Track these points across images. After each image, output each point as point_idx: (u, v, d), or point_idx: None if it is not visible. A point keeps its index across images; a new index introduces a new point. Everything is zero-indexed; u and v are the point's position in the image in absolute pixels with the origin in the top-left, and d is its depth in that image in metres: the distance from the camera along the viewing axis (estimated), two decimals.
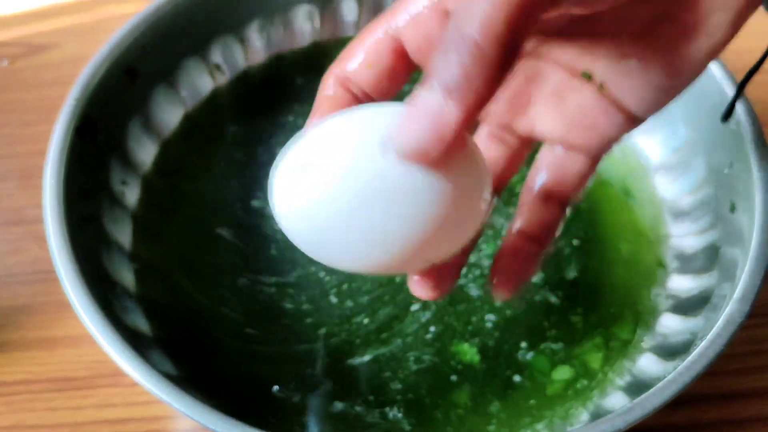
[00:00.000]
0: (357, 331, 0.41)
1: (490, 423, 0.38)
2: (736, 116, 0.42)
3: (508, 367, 0.40)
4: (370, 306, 0.42)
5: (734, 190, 0.42)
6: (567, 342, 0.41)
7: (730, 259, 0.40)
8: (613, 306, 0.43)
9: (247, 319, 0.41)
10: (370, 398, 0.39)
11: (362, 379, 0.40)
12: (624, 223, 0.46)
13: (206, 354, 0.40)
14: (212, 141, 0.49)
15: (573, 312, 0.42)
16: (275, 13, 0.51)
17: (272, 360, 0.40)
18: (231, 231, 0.44)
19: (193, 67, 0.49)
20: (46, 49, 0.58)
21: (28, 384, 0.42)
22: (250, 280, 0.42)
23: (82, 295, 0.34)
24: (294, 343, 0.40)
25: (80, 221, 0.39)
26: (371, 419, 0.38)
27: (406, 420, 0.38)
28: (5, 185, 0.50)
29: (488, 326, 0.42)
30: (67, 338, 0.44)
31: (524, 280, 0.32)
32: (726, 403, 0.42)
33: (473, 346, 0.41)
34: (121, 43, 0.43)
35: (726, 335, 0.35)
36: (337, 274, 0.43)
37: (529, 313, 0.42)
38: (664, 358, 0.40)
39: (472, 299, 0.42)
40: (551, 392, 0.40)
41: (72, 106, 0.40)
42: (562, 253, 0.44)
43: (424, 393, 0.39)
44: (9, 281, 0.46)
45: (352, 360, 0.40)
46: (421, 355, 0.40)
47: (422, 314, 0.42)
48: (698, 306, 0.41)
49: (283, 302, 0.42)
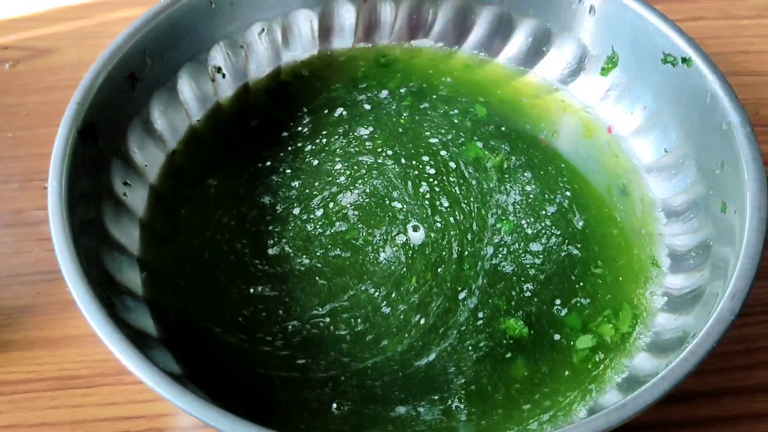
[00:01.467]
0: (415, 333, 0.42)
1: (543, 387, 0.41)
2: (726, 117, 0.42)
3: (550, 327, 0.42)
4: (422, 303, 0.43)
5: (725, 191, 0.42)
6: (593, 298, 0.44)
7: (722, 258, 0.41)
8: (612, 298, 0.44)
9: (295, 353, 0.41)
10: (434, 397, 0.40)
11: (427, 379, 0.40)
12: (615, 219, 0.47)
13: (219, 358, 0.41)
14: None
15: (594, 265, 0.45)
16: (275, 17, 0.52)
17: (323, 382, 0.40)
18: (265, 286, 0.44)
19: (194, 72, 0.50)
20: (48, 53, 0.58)
21: (30, 383, 0.43)
22: (300, 321, 0.42)
23: (85, 294, 0.34)
24: (347, 367, 0.41)
25: (82, 223, 0.39)
26: (430, 417, 0.39)
27: (467, 410, 0.39)
28: (7, 187, 0.50)
29: (527, 295, 0.43)
30: (69, 338, 0.44)
31: None
32: (718, 400, 0.43)
33: (519, 320, 0.42)
34: (121, 47, 0.44)
35: (717, 333, 0.35)
36: (385, 285, 0.44)
37: (558, 271, 0.44)
38: (657, 355, 0.41)
39: (508, 275, 0.44)
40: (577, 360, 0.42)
41: (74, 110, 0.40)
42: (563, 205, 0.47)
43: (485, 380, 0.40)
44: (11, 282, 0.46)
45: (419, 362, 0.41)
46: (477, 343, 0.42)
47: (469, 301, 0.43)
48: (690, 304, 0.41)
49: (338, 330, 0.42)
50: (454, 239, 0.45)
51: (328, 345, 0.41)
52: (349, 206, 0.47)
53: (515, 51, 0.54)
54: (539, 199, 0.47)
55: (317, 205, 0.47)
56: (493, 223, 0.46)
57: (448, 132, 0.50)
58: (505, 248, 0.45)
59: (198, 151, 0.49)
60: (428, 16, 0.54)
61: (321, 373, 0.40)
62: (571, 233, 0.46)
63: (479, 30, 0.54)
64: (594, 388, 0.41)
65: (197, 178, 0.48)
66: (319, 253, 0.44)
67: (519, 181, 0.48)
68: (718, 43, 0.59)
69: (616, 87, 0.51)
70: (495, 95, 0.53)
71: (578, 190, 0.48)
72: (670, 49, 0.46)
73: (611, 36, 0.50)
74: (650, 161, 0.49)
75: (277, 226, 0.46)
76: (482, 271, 0.44)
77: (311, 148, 0.49)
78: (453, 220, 0.46)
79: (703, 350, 0.35)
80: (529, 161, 0.49)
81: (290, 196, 0.47)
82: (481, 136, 0.50)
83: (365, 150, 0.49)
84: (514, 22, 0.53)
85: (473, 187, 0.48)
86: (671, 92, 0.47)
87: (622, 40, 0.50)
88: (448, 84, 0.53)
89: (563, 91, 0.53)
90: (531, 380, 0.41)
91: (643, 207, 0.47)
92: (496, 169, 0.49)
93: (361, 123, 0.51)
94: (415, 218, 0.46)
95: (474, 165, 0.49)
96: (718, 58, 0.51)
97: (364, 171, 0.48)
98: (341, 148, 0.50)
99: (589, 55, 0.52)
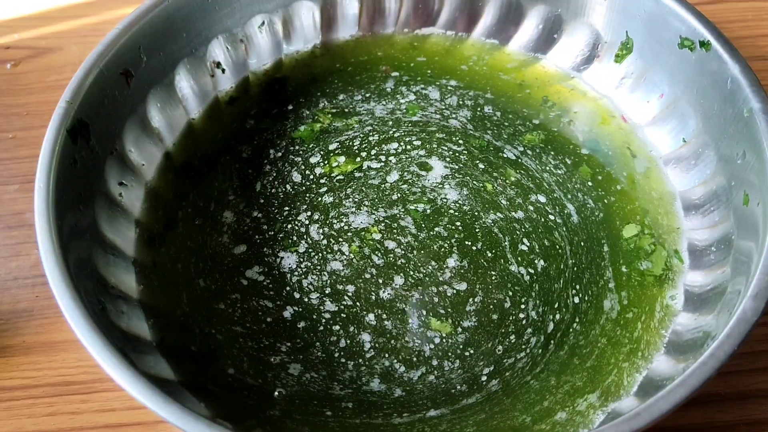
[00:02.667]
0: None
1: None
2: (748, 103, 0.40)
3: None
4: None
5: (747, 181, 0.40)
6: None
7: (745, 253, 0.38)
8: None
9: (295, 358, 0.40)
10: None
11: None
12: (634, 210, 0.45)
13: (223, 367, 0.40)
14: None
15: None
16: (276, 9, 0.51)
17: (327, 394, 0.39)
18: (266, 289, 0.43)
19: (192, 68, 0.48)
20: (50, 52, 0.57)
21: (27, 389, 0.42)
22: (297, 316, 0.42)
23: (69, 299, 0.33)
24: (354, 382, 0.39)
25: (74, 226, 0.38)
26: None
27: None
28: (7, 189, 0.50)
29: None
30: (67, 342, 0.43)
31: None
32: (743, 403, 0.41)
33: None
34: (114, 44, 0.42)
35: (738, 335, 0.33)
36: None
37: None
38: (676, 357, 0.38)
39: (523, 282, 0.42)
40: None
41: (63, 108, 0.39)
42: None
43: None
44: (10, 285, 0.45)
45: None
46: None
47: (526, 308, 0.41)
48: (712, 303, 0.39)
49: (333, 331, 0.41)
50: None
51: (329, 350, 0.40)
52: (352, 210, 0.45)
53: (526, 39, 0.52)
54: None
55: (321, 203, 0.45)
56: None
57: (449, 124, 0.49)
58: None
59: (196, 147, 0.48)
60: (434, 4, 0.52)
61: (321, 381, 0.39)
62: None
63: (488, 17, 0.52)
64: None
65: (195, 175, 0.46)
66: (323, 244, 0.43)
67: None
68: (742, 26, 0.56)
69: (631, 74, 0.48)
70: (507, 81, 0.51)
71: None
72: (688, 33, 0.44)
73: (625, 21, 0.48)
74: (668, 152, 0.46)
75: (277, 227, 0.44)
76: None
77: (313, 146, 0.48)
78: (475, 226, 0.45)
79: (723, 353, 0.33)
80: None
81: (289, 195, 0.46)
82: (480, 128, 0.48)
83: (368, 145, 0.48)
84: (524, 9, 0.51)
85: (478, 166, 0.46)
86: (689, 78, 0.45)
87: (636, 25, 0.47)
88: (457, 73, 0.51)
89: (578, 79, 0.51)
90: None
91: (664, 200, 0.45)
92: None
93: (364, 119, 0.49)
94: (430, 193, 0.44)
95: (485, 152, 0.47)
96: (741, 42, 0.48)
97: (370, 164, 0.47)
98: (344, 142, 0.48)
99: (602, 42, 0.49)
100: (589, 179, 0.46)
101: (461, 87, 0.51)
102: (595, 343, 0.40)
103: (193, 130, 0.48)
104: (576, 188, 0.46)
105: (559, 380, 0.39)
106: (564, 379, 0.39)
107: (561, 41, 0.51)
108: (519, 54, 0.52)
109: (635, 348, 0.40)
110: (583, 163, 0.47)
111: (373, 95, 0.50)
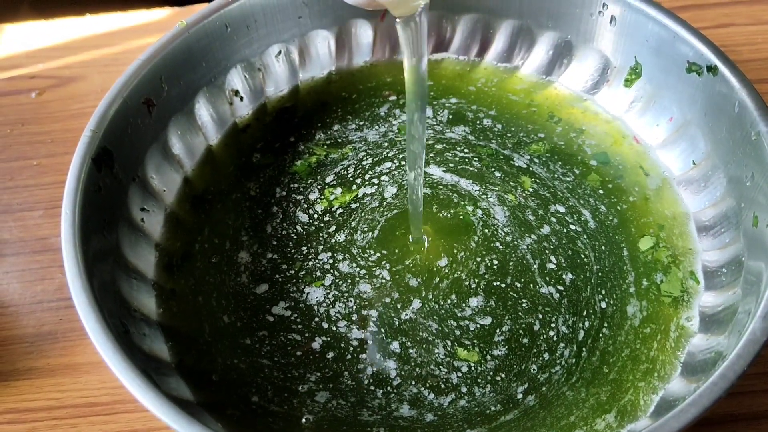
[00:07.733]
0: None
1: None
2: (756, 126, 0.41)
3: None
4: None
5: (757, 203, 0.40)
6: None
7: (755, 273, 0.39)
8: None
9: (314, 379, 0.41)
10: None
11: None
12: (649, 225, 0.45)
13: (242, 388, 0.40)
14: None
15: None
16: (293, 39, 0.52)
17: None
18: (285, 310, 0.43)
19: (211, 96, 0.50)
20: (73, 81, 0.59)
21: (51, 410, 0.43)
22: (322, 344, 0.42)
23: (95, 322, 0.34)
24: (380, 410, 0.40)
25: (98, 250, 0.39)
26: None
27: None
28: (32, 215, 0.51)
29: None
30: (90, 364, 0.44)
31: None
32: (757, 424, 0.41)
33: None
34: (136, 74, 0.44)
35: (748, 355, 0.34)
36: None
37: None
38: (689, 378, 0.39)
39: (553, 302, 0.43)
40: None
41: (88, 137, 0.40)
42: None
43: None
44: (35, 308, 0.47)
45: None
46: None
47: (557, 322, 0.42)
48: (723, 323, 0.39)
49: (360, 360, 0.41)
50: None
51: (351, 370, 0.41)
52: (364, 233, 0.46)
53: (537, 64, 0.53)
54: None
55: (336, 242, 0.46)
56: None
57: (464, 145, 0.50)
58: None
59: (215, 172, 0.49)
60: (447, 32, 0.54)
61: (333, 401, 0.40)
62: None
63: (498, 44, 0.53)
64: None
65: (210, 209, 0.47)
66: (346, 271, 0.44)
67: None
68: (750, 49, 0.57)
69: (641, 98, 0.49)
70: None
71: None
72: (695, 58, 0.45)
73: (633, 46, 0.49)
74: (679, 174, 0.47)
75: (297, 265, 0.45)
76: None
77: (311, 182, 0.49)
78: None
79: (733, 373, 0.33)
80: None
81: (301, 236, 0.47)
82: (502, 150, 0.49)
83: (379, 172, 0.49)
84: (534, 35, 0.52)
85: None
86: (698, 102, 0.46)
87: (644, 50, 0.48)
88: (461, 93, 0.52)
89: (590, 101, 0.52)
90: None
91: (677, 222, 0.46)
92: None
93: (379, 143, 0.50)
94: (466, 201, 0.45)
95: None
96: (750, 65, 0.49)
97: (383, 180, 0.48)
98: (339, 173, 0.49)
99: (611, 67, 0.50)
100: (600, 187, 0.47)
101: (462, 103, 0.52)
102: (620, 351, 0.41)
103: (212, 156, 0.50)
104: (587, 194, 0.47)
105: (588, 391, 0.40)
106: (592, 391, 0.40)
107: (571, 66, 0.52)
108: (531, 77, 0.53)
109: (651, 368, 0.40)
110: (591, 172, 0.48)
111: (366, 122, 0.51)
